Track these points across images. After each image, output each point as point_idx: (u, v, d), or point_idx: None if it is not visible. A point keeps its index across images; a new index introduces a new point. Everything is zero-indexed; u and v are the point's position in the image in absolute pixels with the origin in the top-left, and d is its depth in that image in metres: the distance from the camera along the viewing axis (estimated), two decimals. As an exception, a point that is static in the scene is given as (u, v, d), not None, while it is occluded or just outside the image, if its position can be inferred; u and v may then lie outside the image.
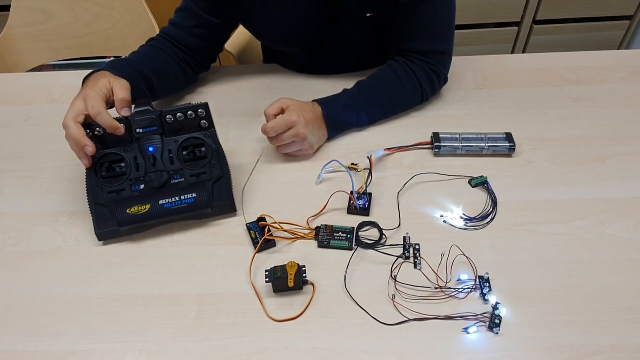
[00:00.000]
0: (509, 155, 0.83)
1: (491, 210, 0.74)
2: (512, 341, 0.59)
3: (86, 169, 0.71)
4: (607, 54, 1.04)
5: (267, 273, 0.64)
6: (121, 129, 0.69)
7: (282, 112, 0.79)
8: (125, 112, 0.70)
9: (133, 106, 0.72)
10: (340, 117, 0.86)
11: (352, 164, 0.81)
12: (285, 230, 0.72)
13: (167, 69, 0.89)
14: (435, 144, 0.82)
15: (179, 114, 0.72)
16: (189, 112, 0.72)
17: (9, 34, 1.26)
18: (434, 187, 0.78)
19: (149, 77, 0.85)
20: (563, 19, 1.94)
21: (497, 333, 0.60)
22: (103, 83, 0.70)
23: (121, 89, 0.70)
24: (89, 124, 0.70)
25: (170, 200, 0.70)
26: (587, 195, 0.76)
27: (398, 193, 0.77)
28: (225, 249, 0.71)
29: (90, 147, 0.68)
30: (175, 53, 0.91)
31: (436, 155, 0.83)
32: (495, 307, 0.61)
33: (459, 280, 0.65)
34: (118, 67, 0.80)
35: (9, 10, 1.23)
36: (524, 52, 2.02)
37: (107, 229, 0.70)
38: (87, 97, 0.68)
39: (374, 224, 0.72)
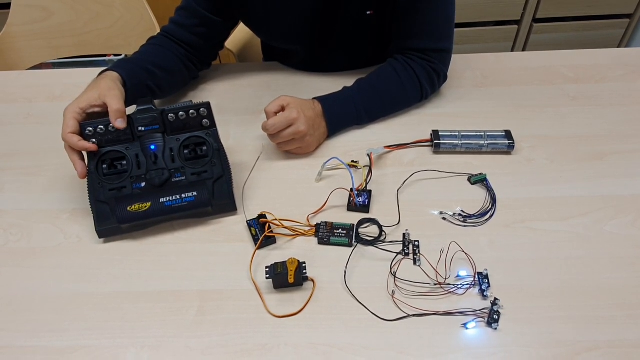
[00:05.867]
0: (508, 153, 0.83)
1: (490, 207, 0.74)
2: (510, 336, 0.59)
3: (88, 166, 0.71)
4: (606, 52, 1.04)
5: (267, 269, 0.64)
6: (93, 147, 0.70)
7: (283, 109, 0.80)
8: (120, 124, 0.69)
9: (134, 106, 0.73)
10: (340, 115, 0.86)
11: (352, 161, 0.81)
12: (285, 227, 0.72)
13: (171, 65, 0.89)
14: (435, 142, 0.82)
15: (180, 113, 0.72)
16: (191, 111, 0.73)
17: (9, 31, 1.26)
18: (433, 184, 0.78)
19: (154, 73, 0.85)
20: (563, 17, 1.94)
21: (496, 328, 0.60)
22: (92, 96, 0.70)
23: (114, 99, 0.70)
24: (88, 122, 0.70)
25: (170, 198, 0.71)
26: (586, 192, 0.76)
27: (398, 190, 0.77)
28: (226, 246, 0.71)
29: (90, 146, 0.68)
30: (176, 50, 0.91)
31: (435, 152, 0.84)
32: (493, 303, 0.62)
33: (457, 276, 0.66)
34: (123, 66, 0.80)
35: (9, 8, 1.23)
36: (523, 50, 2.02)
37: (108, 226, 0.70)
38: (66, 112, 0.69)
39: (373, 221, 0.73)
